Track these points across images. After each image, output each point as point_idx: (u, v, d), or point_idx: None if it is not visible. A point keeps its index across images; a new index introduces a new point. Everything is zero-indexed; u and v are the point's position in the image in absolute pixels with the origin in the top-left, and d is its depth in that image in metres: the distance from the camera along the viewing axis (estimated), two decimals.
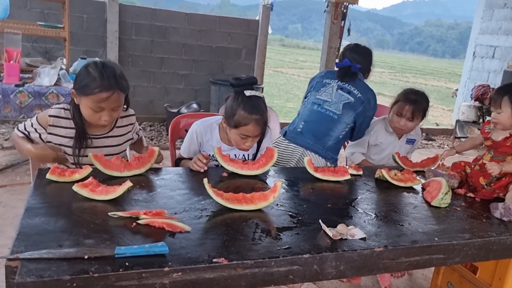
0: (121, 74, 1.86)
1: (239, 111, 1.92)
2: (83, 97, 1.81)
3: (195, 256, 1.19)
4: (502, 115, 2.02)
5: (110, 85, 1.79)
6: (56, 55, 4.72)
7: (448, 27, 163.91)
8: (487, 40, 7.71)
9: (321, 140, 2.51)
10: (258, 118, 1.93)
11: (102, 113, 1.83)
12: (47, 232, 1.23)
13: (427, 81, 21.98)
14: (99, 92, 1.77)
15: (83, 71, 1.82)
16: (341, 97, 2.54)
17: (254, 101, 1.94)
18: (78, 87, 1.83)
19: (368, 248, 1.36)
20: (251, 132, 1.95)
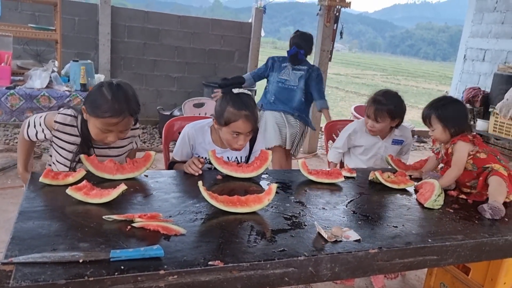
0: (133, 97, 1.83)
1: (228, 108, 1.94)
2: (92, 117, 1.78)
3: (191, 259, 1.18)
4: (435, 131, 2.10)
5: (121, 110, 1.76)
6: (47, 58, 4.70)
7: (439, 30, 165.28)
8: (477, 43, 7.80)
9: (288, 105, 3.61)
10: (248, 113, 1.94)
11: (109, 134, 1.81)
12: (41, 236, 1.23)
13: (419, 84, 22.15)
14: (109, 116, 1.74)
15: (96, 91, 1.79)
16: (295, 74, 3.63)
17: (243, 98, 1.97)
18: (89, 105, 1.79)
19: (363, 249, 1.37)
20: (242, 129, 1.96)
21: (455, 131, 2.06)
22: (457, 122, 2.06)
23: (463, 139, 2.04)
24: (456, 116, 2.07)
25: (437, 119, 2.08)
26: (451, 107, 2.09)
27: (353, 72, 25.16)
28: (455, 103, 2.13)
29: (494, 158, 2.02)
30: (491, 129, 6.47)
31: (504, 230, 1.67)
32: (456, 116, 2.07)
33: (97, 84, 1.84)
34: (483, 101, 6.91)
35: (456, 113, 2.08)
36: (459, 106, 2.13)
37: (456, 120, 2.06)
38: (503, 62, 7.04)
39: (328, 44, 5.55)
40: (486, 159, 2.00)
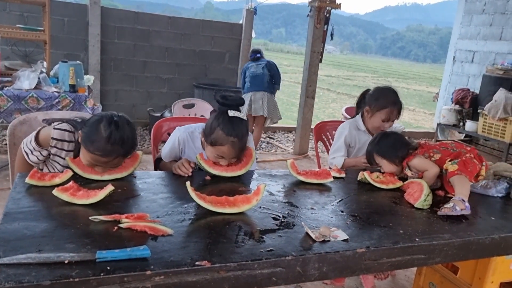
0: (130, 139, 1.76)
1: (218, 130, 1.88)
2: (84, 148, 1.72)
3: (178, 259, 1.18)
4: (384, 167, 2.17)
5: (113, 152, 1.70)
6: (36, 59, 4.66)
7: (429, 32, 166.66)
8: (466, 45, 7.88)
9: (260, 86, 5.37)
10: (235, 141, 1.88)
11: (98, 167, 1.75)
12: (27, 237, 1.21)
13: (409, 85, 22.32)
14: (99, 155, 1.69)
15: (94, 124, 1.72)
16: (258, 66, 5.41)
17: (236, 123, 1.89)
18: (83, 135, 1.73)
19: (350, 249, 1.37)
20: (225, 154, 1.91)
21: (399, 159, 2.14)
22: (396, 151, 2.14)
23: (409, 159, 2.11)
24: (393, 147, 2.15)
25: (379, 157, 2.18)
26: (385, 141, 2.19)
27: (344, 74, 25.28)
28: (388, 136, 2.23)
29: (447, 151, 2.08)
30: (480, 130, 6.54)
31: (491, 229, 1.68)
32: (394, 146, 2.15)
33: (98, 115, 1.77)
34: (472, 102, 6.98)
35: (391, 144, 2.16)
36: (391, 137, 2.22)
37: (394, 150, 2.14)
38: (492, 64, 7.11)
39: (318, 45, 5.57)
40: (442, 157, 2.06)
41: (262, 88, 5.36)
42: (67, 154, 1.87)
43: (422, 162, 2.09)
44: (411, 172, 2.11)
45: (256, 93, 5.35)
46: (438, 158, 2.07)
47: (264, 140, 6.61)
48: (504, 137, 6.14)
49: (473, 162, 2.02)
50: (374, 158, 2.21)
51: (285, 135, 7.18)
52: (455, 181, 1.93)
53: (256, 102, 5.35)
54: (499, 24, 7.21)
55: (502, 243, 1.65)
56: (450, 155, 2.05)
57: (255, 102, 5.35)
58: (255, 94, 5.36)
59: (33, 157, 1.89)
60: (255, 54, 5.54)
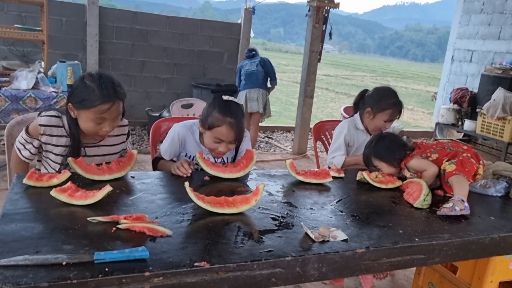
0: (118, 83, 1.85)
1: (214, 112, 1.93)
2: (83, 110, 1.77)
3: (177, 260, 1.17)
4: (383, 169, 2.17)
5: (110, 96, 1.77)
6: (34, 59, 4.64)
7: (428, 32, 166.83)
8: (465, 45, 7.88)
9: (255, 83, 5.47)
10: (232, 121, 1.92)
11: (103, 124, 1.81)
12: (24, 239, 1.21)
13: (408, 85, 22.33)
14: (100, 104, 1.75)
15: (79, 85, 1.79)
16: (253, 63, 5.52)
17: (231, 105, 1.95)
18: (76, 101, 1.78)
19: (350, 249, 1.37)
20: (224, 136, 1.94)
21: (397, 161, 2.13)
22: (394, 153, 2.14)
23: (407, 160, 2.11)
24: (390, 149, 2.15)
25: (377, 160, 2.17)
26: (381, 143, 2.19)
27: (343, 74, 25.29)
28: (384, 138, 2.22)
29: (444, 151, 2.08)
30: (478, 129, 6.54)
31: (490, 229, 1.68)
32: (390, 149, 2.15)
33: (77, 79, 1.84)
34: (470, 101, 6.98)
35: (389, 145, 2.16)
36: (387, 139, 2.21)
37: (391, 152, 2.14)
38: (490, 63, 7.12)
39: (317, 45, 5.57)
40: (440, 157, 2.06)
41: (257, 85, 5.47)
42: (58, 140, 1.88)
43: (419, 162, 2.09)
44: (409, 173, 2.11)
45: (251, 90, 5.44)
46: (436, 158, 2.07)
47: (263, 140, 6.60)
48: (503, 137, 6.15)
49: (470, 162, 2.02)
50: (372, 161, 2.21)
51: (283, 135, 7.17)
52: (453, 181, 1.93)
53: (251, 99, 5.44)
54: (498, 24, 7.21)
55: (502, 242, 1.65)
56: (447, 155, 2.05)
57: (250, 99, 5.44)
58: (250, 91, 5.44)
59: (26, 152, 1.90)
60: (250, 52, 5.68)
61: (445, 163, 2.01)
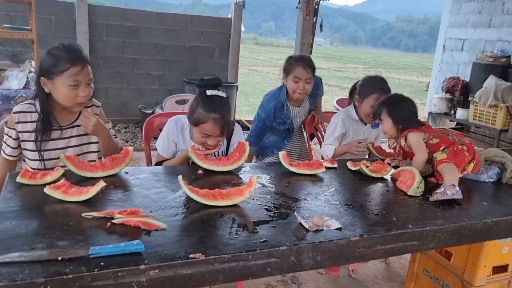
0: (82, 49, 1.93)
1: (198, 109, 1.97)
2: (56, 78, 1.82)
3: (172, 253, 1.18)
4: (385, 125, 2.18)
5: (79, 58, 1.84)
6: (24, 58, 4.60)
7: (419, 22, 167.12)
8: (456, 33, 7.90)
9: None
10: (217, 117, 1.95)
11: (79, 89, 1.85)
12: (19, 236, 1.21)
13: (400, 76, 22.38)
14: (71, 66, 1.81)
15: (46, 56, 1.86)
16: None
17: (215, 100, 1.98)
18: (47, 71, 1.83)
19: (344, 237, 1.38)
20: (210, 131, 1.97)
21: (402, 127, 2.14)
22: (405, 119, 2.14)
23: (411, 131, 2.12)
24: (404, 113, 2.15)
25: (387, 115, 2.17)
26: (400, 104, 2.18)
27: (335, 66, 25.30)
28: (405, 101, 2.21)
29: (446, 138, 2.08)
30: (471, 118, 6.58)
31: (483, 214, 1.70)
32: (405, 114, 2.15)
33: (44, 55, 1.89)
34: (462, 90, 7.02)
35: (405, 110, 2.16)
36: (408, 104, 2.20)
37: (404, 117, 2.15)
38: (481, 51, 7.15)
39: (308, 37, 5.57)
40: (439, 143, 2.07)
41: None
42: (33, 126, 1.90)
43: (418, 142, 2.08)
44: (404, 144, 2.12)
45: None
46: (436, 143, 2.08)
47: None
48: (495, 124, 6.19)
49: (463, 154, 2.02)
50: (381, 114, 2.19)
51: None
52: (443, 169, 1.95)
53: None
54: (488, 12, 7.24)
55: (494, 227, 1.67)
56: (446, 143, 2.06)
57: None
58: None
59: (8, 149, 1.92)
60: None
61: (438, 152, 2.03)
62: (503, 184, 2.12)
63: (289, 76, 2.74)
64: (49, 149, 1.93)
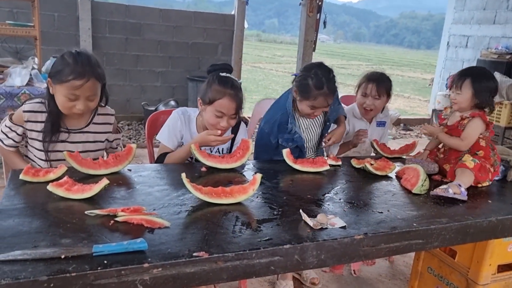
0: (96, 62, 1.85)
1: (214, 86, 1.97)
2: (57, 85, 1.79)
3: (175, 251, 1.17)
4: (461, 96, 2.05)
5: (85, 72, 1.77)
6: (27, 55, 4.61)
7: (423, 19, 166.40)
8: (460, 30, 7.85)
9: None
10: (233, 93, 1.96)
11: (77, 102, 1.80)
12: (22, 234, 1.20)
13: (404, 73, 22.29)
14: (73, 79, 1.75)
15: (58, 59, 1.81)
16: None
17: (229, 79, 2.01)
18: (52, 74, 1.80)
19: (348, 236, 1.37)
20: (225, 108, 1.96)
21: (479, 103, 2.03)
22: (486, 96, 2.03)
23: (483, 117, 2.02)
24: (487, 90, 2.03)
25: (470, 85, 2.01)
26: (486, 79, 2.04)
27: (338, 63, 25.21)
28: (492, 79, 2.07)
29: (488, 151, 2.02)
30: None
31: (488, 212, 1.69)
32: (487, 90, 2.03)
33: (59, 55, 1.85)
34: None
35: (489, 87, 2.04)
36: (494, 82, 2.07)
37: (486, 93, 2.02)
38: (486, 48, 7.10)
39: (311, 34, 5.55)
40: (482, 147, 2.01)
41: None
42: (42, 126, 1.88)
43: (476, 130, 2.01)
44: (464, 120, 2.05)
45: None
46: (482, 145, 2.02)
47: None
48: (500, 121, 6.15)
49: (487, 174, 1.96)
50: (463, 83, 2.03)
51: None
52: (461, 172, 1.90)
53: None
54: (493, 8, 7.19)
55: (499, 225, 1.66)
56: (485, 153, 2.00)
57: None
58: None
59: (9, 141, 1.91)
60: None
61: (468, 156, 1.97)
62: (508, 182, 2.10)
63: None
64: (57, 150, 1.92)
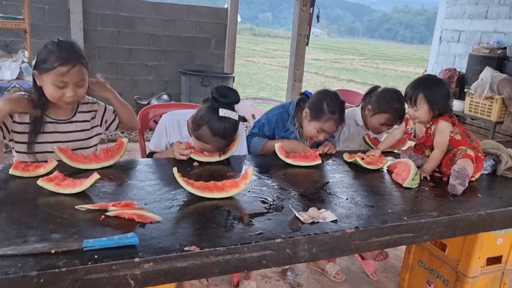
0: (79, 49, 1.84)
1: (205, 128, 1.84)
2: (44, 74, 1.76)
3: (167, 246, 1.17)
4: (419, 112, 2.03)
5: (70, 58, 1.75)
6: (17, 48, 4.55)
7: (416, 13, 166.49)
8: (452, 25, 7.88)
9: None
10: (221, 141, 1.87)
11: (66, 89, 1.78)
12: (11, 229, 1.20)
13: (397, 67, 22.35)
14: (59, 65, 1.73)
15: (42, 50, 1.79)
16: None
17: (225, 124, 1.83)
18: (38, 65, 1.78)
19: (340, 230, 1.38)
20: (210, 150, 1.92)
21: (439, 113, 2.03)
22: (442, 104, 2.02)
23: (445, 119, 2.03)
24: (442, 98, 2.02)
25: (424, 100, 2.01)
26: (438, 88, 2.04)
27: (331, 57, 25.24)
28: (442, 85, 2.07)
29: (466, 139, 2.03)
30: (466, 109, 6.59)
31: (477, 206, 1.70)
32: (442, 98, 2.02)
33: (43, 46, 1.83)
34: (458, 81, 7.02)
35: (442, 94, 2.03)
36: (445, 87, 2.07)
37: (441, 102, 2.02)
38: (478, 43, 7.14)
39: (304, 28, 5.54)
40: (460, 141, 2.02)
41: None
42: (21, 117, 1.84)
43: (445, 134, 2.01)
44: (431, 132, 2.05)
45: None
46: (457, 139, 2.02)
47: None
48: (490, 116, 6.20)
49: (482, 164, 1.98)
50: (416, 99, 2.03)
51: None
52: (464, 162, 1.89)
53: None
54: (485, 3, 7.21)
55: (489, 219, 1.67)
56: (466, 144, 2.01)
57: None
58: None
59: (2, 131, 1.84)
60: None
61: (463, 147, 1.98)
62: (498, 176, 2.12)
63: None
64: (44, 141, 1.89)
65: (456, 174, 1.80)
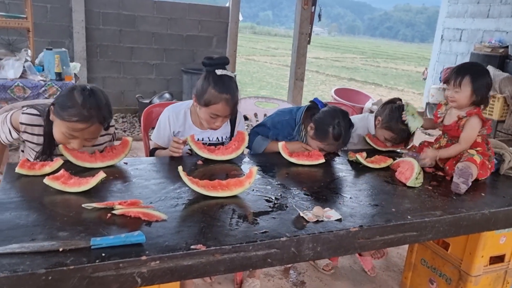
0: (106, 105, 1.74)
1: (210, 89, 1.94)
2: (58, 119, 1.68)
3: (173, 244, 1.18)
4: (460, 94, 2.02)
5: (90, 116, 1.66)
6: (20, 47, 4.56)
7: (417, 12, 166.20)
8: (454, 23, 7.87)
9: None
10: (228, 97, 1.94)
11: (73, 140, 1.71)
12: (19, 227, 1.21)
13: (398, 66, 22.32)
14: (76, 121, 1.65)
15: (67, 93, 1.69)
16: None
17: (225, 80, 1.96)
18: (57, 106, 1.69)
19: (344, 228, 1.39)
20: (221, 112, 1.96)
21: (478, 100, 2.02)
22: (485, 92, 2.02)
23: (480, 116, 2.02)
24: (485, 87, 2.02)
25: (470, 82, 1.99)
26: (485, 76, 2.03)
27: (332, 56, 25.20)
28: (488, 75, 2.05)
29: (484, 145, 2.03)
30: None
31: (481, 205, 1.71)
32: (486, 87, 2.02)
33: (70, 86, 1.74)
34: None
35: (487, 84, 2.03)
36: (490, 78, 2.06)
37: (484, 90, 2.02)
38: (479, 42, 7.13)
39: (306, 27, 5.53)
40: (478, 144, 2.03)
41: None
42: (39, 139, 1.81)
43: (475, 131, 2.01)
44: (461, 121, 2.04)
45: None
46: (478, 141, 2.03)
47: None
48: (492, 115, 6.20)
49: (486, 172, 1.98)
50: (462, 80, 2.00)
51: None
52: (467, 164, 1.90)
53: None
54: (487, 1, 7.20)
55: (492, 218, 1.68)
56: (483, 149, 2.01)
57: None
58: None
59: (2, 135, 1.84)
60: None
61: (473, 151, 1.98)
62: (501, 175, 2.13)
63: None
64: None
65: (460, 172, 1.81)
